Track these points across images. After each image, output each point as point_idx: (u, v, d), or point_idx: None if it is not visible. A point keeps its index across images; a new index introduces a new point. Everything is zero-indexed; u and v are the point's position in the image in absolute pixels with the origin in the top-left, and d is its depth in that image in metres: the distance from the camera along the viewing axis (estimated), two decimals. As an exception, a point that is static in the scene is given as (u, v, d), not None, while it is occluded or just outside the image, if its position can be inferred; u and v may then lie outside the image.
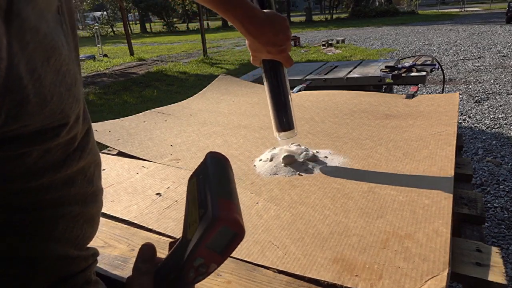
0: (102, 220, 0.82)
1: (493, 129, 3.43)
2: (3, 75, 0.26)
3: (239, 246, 0.69)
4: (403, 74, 2.04)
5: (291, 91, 1.87)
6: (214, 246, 0.34)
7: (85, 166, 0.39)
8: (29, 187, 0.33)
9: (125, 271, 0.65)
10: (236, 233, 0.34)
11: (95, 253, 0.44)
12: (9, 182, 0.31)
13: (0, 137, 0.28)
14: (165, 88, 6.31)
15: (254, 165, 1.04)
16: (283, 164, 1.00)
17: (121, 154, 1.22)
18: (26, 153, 0.31)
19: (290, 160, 1.01)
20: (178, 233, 0.74)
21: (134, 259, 0.39)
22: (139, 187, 0.97)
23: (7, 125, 0.28)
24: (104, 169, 1.09)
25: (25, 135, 0.30)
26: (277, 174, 0.98)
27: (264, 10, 0.78)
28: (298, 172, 0.98)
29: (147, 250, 0.39)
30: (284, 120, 0.93)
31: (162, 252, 0.71)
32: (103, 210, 0.86)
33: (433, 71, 2.16)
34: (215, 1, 0.74)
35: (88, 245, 0.43)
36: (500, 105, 4.01)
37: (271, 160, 1.03)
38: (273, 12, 0.78)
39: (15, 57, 0.27)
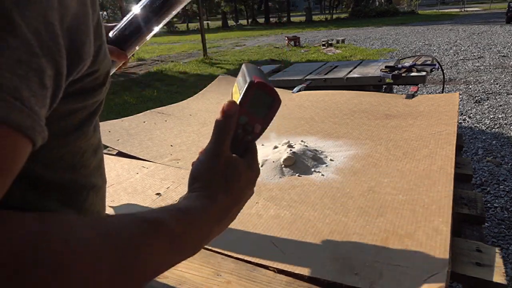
0: (102, 219, 0.83)
1: (493, 129, 3.42)
2: (96, 20, 0.31)
3: (238, 245, 0.69)
4: (403, 74, 2.04)
5: (291, 91, 1.87)
6: (255, 109, 0.41)
7: (100, 139, 0.43)
8: (72, 149, 0.36)
9: (125, 271, 0.65)
10: (273, 98, 0.41)
11: None
12: (57, 141, 0.33)
13: (79, 87, 0.32)
14: (165, 88, 6.31)
15: (254, 165, 1.04)
16: (283, 165, 1.00)
17: (121, 154, 1.22)
18: (78, 110, 0.34)
19: (290, 160, 1.01)
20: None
21: None
22: (139, 187, 0.97)
23: (90, 67, 0.32)
24: (104, 169, 1.09)
25: (87, 90, 0.34)
26: (277, 174, 0.98)
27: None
28: (297, 172, 0.98)
29: None
30: None
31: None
32: (103, 210, 0.86)
33: (433, 71, 2.16)
34: None
35: None
36: (500, 105, 4.01)
37: (271, 160, 1.03)
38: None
39: (98, 8, 0.31)
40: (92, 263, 0.25)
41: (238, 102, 0.40)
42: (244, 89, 0.40)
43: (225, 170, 0.39)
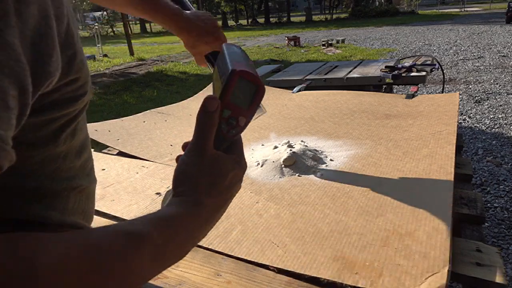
0: (102, 220, 0.83)
1: (493, 129, 3.42)
2: (64, 31, 0.29)
3: (239, 245, 0.69)
4: (403, 74, 2.04)
5: (291, 91, 1.87)
6: (238, 100, 0.38)
7: (86, 137, 0.42)
8: (51, 154, 0.35)
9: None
10: (257, 86, 0.38)
11: None
12: (34, 149, 0.33)
13: (57, 98, 0.31)
14: (165, 88, 6.31)
15: (255, 165, 1.04)
16: (283, 165, 1.00)
17: (121, 154, 1.22)
18: (55, 119, 0.33)
19: (290, 160, 1.01)
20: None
21: None
22: (139, 186, 0.97)
23: (64, 78, 0.31)
24: (104, 169, 1.09)
25: (65, 100, 0.33)
26: (277, 174, 0.98)
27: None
28: (297, 172, 0.98)
29: None
30: None
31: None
32: (104, 210, 0.86)
33: (433, 71, 2.16)
34: (139, 7, 0.77)
35: None
36: (500, 105, 4.01)
37: (271, 160, 1.03)
38: (193, 10, 0.83)
39: (70, 15, 0.29)
40: (68, 280, 0.25)
41: (220, 94, 0.38)
42: (226, 79, 0.37)
43: (211, 170, 0.38)
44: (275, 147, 1.10)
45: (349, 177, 0.92)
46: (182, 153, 0.38)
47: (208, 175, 0.37)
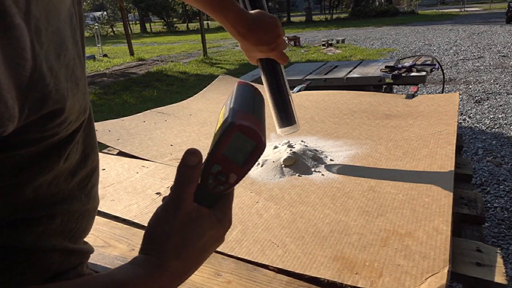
0: (102, 220, 0.83)
1: (493, 129, 3.43)
2: (28, 75, 0.26)
3: (239, 245, 0.69)
4: (403, 74, 2.04)
5: (291, 91, 1.87)
6: (233, 155, 0.34)
7: (86, 156, 0.39)
8: (35, 184, 0.33)
9: (125, 270, 0.65)
10: (256, 144, 0.34)
11: (89, 250, 0.44)
12: (14, 176, 0.31)
13: (26, 138, 0.29)
14: (165, 88, 6.31)
15: (255, 164, 1.04)
16: (283, 165, 1.00)
17: (121, 153, 1.22)
18: (33, 150, 0.31)
19: (290, 160, 1.01)
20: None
21: None
22: (139, 186, 0.97)
23: (32, 114, 0.28)
24: (104, 169, 1.09)
25: (47, 136, 0.31)
26: (277, 174, 0.98)
27: (252, 11, 0.78)
28: (298, 172, 0.98)
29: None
30: (284, 115, 0.92)
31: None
32: (104, 210, 0.86)
33: (433, 71, 2.16)
34: (205, 3, 0.75)
35: (86, 242, 0.44)
36: (500, 105, 4.01)
37: (271, 160, 1.03)
38: (261, 12, 0.79)
39: (38, 57, 0.27)
40: None
41: (213, 144, 0.35)
42: (222, 131, 0.33)
43: (184, 229, 0.34)
44: (275, 147, 1.10)
45: (349, 177, 0.92)
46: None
47: (179, 235, 0.34)
